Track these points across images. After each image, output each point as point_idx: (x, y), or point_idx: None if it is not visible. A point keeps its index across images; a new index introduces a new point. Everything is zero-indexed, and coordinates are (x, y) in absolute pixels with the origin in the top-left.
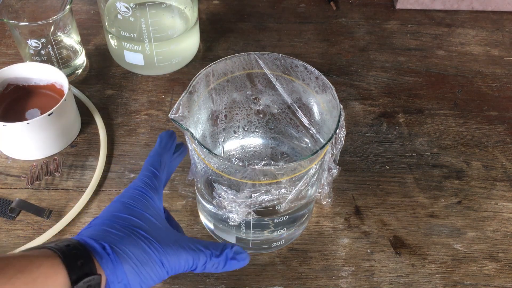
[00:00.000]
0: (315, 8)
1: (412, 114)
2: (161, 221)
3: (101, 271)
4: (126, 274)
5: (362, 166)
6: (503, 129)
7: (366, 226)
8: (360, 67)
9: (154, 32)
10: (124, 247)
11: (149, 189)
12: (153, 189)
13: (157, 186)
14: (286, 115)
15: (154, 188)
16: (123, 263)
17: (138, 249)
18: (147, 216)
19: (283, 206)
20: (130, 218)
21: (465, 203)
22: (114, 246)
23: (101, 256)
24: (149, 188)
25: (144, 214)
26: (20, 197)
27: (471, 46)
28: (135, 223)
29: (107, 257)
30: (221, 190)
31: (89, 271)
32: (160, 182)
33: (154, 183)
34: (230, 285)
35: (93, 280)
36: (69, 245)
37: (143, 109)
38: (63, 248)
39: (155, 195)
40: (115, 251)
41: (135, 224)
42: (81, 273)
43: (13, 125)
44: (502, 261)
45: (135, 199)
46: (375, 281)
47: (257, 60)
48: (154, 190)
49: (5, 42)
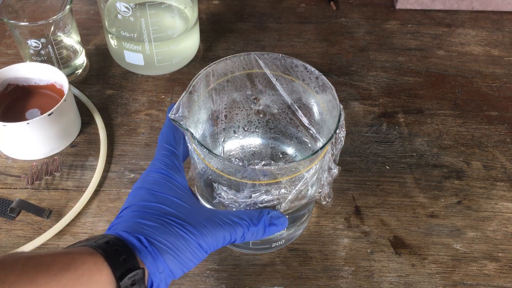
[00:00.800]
0: (315, 8)
1: (412, 114)
2: (189, 201)
3: (142, 264)
4: (167, 264)
5: (362, 166)
6: (503, 129)
7: (366, 226)
8: (360, 67)
9: (154, 32)
10: (160, 237)
11: (171, 170)
12: (174, 168)
13: (177, 164)
14: (286, 115)
15: (175, 168)
16: (162, 254)
17: (174, 237)
18: (175, 201)
19: (283, 206)
20: (159, 206)
21: (465, 203)
22: (150, 238)
23: (139, 249)
24: (170, 169)
25: (172, 199)
26: (20, 197)
27: (471, 46)
28: (165, 211)
29: (145, 250)
30: (221, 190)
31: (132, 266)
32: (179, 159)
33: (174, 162)
34: (230, 285)
35: (137, 275)
36: (109, 241)
37: (143, 109)
38: (103, 245)
39: (177, 174)
40: (151, 243)
41: (165, 212)
42: (124, 269)
43: (13, 125)
44: (502, 261)
45: (159, 184)
46: (375, 281)
47: (257, 60)
48: (175, 170)
49: (5, 42)
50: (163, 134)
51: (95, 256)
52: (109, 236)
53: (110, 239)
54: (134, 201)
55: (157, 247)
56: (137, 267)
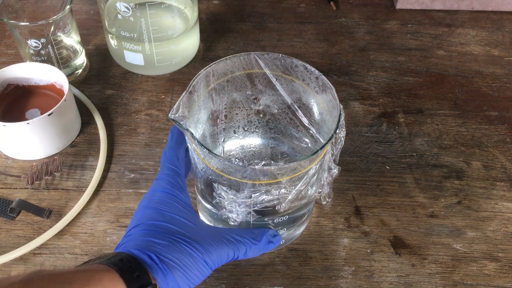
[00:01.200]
0: (315, 8)
1: (412, 114)
2: (194, 220)
3: (154, 281)
4: (176, 280)
5: (362, 166)
6: (503, 129)
7: (366, 226)
8: (360, 67)
9: (154, 32)
10: (169, 255)
11: (175, 189)
12: (179, 188)
13: (181, 183)
14: (286, 115)
15: (179, 187)
16: (171, 270)
17: (183, 255)
18: (181, 220)
19: (283, 206)
20: (167, 225)
21: (465, 203)
22: (160, 256)
23: (151, 266)
24: (175, 188)
25: (179, 218)
26: (20, 197)
27: (471, 46)
28: (173, 230)
29: (156, 267)
30: (221, 190)
31: (145, 282)
32: (182, 178)
33: (178, 181)
34: (230, 285)
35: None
36: (122, 259)
37: (143, 109)
38: (117, 262)
39: (181, 193)
40: (162, 260)
41: (173, 230)
42: (138, 285)
43: (13, 125)
44: (502, 261)
45: (165, 203)
46: (375, 281)
47: (257, 60)
48: (179, 189)
49: (5, 42)
50: (166, 154)
51: (111, 273)
52: (121, 254)
53: (123, 257)
54: (142, 220)
55: (167, 264)
56: (150, 283)
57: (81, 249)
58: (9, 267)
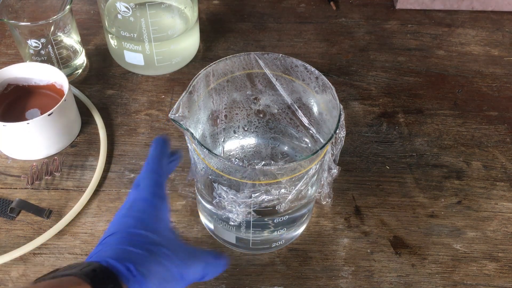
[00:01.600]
0: (315, 8)
1: (412, 114)
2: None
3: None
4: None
5: (362, 166)
6: (503, 129)
7: (366, 226)
8: (360, 67)
9: (154, 32)
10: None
11: (158, 199)
12: (161, 198)
13: (163, 194)
14: (286, 115)
15: (161, 197)
16: (148, 283)
17: (160, 267)
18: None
19: (283, 206)
20: (147, 235)
21: (465, 203)
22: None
23: (127, 278)
24: (157, 198)
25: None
26: (20, 197)
27: (471, 46)
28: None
29: (133, 279)
30: (221, 190)
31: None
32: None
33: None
34: (230, 285)
35: None
36: (95, 269)
37: (143, 109)
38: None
39: (162, 204)
40: (140, 272)
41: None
42: None
43: (13, 125)
44: (502, 261)
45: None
46: (375, 281)
47: (257, 60)
48: (161, 199)
49: (5, 42)
50: (150, 163)
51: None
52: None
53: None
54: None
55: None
56: None
57: (81, 249)
58: (9, 267)
